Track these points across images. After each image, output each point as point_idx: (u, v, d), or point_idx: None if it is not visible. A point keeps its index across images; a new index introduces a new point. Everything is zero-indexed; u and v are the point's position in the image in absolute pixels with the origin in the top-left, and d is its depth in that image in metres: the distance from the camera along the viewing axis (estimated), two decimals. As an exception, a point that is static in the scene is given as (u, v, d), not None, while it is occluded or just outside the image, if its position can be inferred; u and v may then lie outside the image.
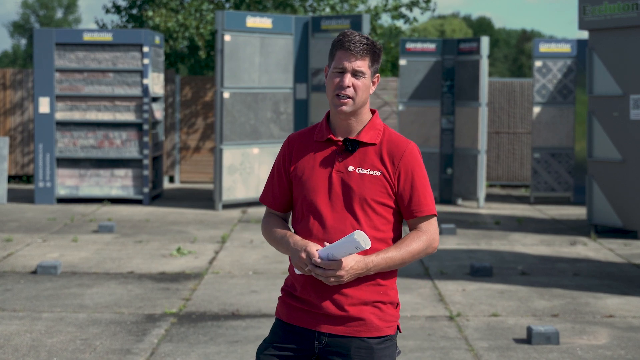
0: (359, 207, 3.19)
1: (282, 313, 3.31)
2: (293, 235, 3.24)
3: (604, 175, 11.41)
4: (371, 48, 3.20)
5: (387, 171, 3.21)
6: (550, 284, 8.52)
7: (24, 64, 60.78)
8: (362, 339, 3.19)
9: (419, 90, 14.55)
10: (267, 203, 3.39)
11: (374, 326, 3.20)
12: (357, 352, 3.18)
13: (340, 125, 3.26)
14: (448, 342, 6.53)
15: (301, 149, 3.31)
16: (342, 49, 3.19)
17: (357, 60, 3.17)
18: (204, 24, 18.36)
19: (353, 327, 3.18)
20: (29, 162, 16.67)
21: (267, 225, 3.38)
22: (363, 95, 3.20)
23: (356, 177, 3.20)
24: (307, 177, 3.25)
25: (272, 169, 3.39)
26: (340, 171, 3.22)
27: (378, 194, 3.20)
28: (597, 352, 6.32)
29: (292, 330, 3.25)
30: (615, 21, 11.15)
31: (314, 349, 3.22)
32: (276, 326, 3.32)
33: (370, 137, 3.24)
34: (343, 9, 19.51)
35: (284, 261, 9.40)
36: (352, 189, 3.19)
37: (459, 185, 14.35)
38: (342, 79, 3.18)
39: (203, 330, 6.78)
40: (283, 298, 3.33)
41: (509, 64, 62.95)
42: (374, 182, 3.20)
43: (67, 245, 10.19)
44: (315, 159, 3.27)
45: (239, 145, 13.29)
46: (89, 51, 13.84)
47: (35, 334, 6.59)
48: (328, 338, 3.19)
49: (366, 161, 3.22)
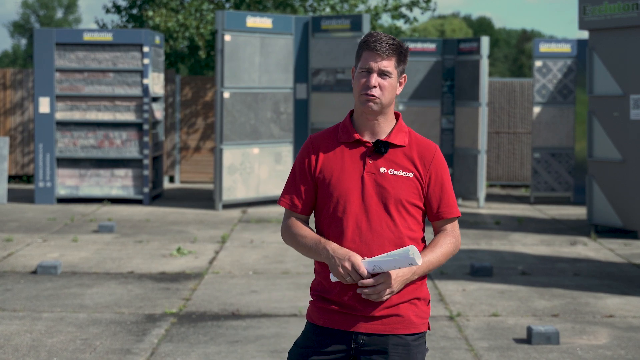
0: (395, 208, 3.19)
1: (316, 317, 3.27)
2: (329, 242, 3.18)
3: (604, 175, 11.41)
4: (397, 48, 3.20)
5: (419, 173, 3.23)
6: (550, 284, 8.52)
7: (24, 64, 60.79)
8: (400, 335, 3.20)
9: (419, 90, 14.55)
10: (290, 206, 3.31)
11: (411, 323, 3.21)
12: (394, 349, 3.18)
13: (366, 125, 3.25)
14: (448, 342, 6.53)
15: (326, 149, 3.27)
16: (369, 49, 3.19)
17: (383, 60, 3.17)
18: (204, 24, 18.36)
19: (391, 325, 3.19)
20: (29, 162, 16.67)
21: (291, 230, 3.30)
22: (390, 95, 3.20)
23: (390, 179, 3.19)
24: (337, 179, 3.22)
25: (292, 170, 3.32)
26: (372, 172, 3.20)
27: (411, 195, 3.21)
28: (597, 352, 6.32)
29: (326, 333, 3.23)
30: (615, 21, 11.15)
31: (350, 350, 3.21)
32: (309, 330, 3.29)
33: (400, 139, 3.25)
34: (343, 9, 19.51)
35: (284, 261, 9.40)
36: (387, 190, 3.19)
37: (459, 185, 14.35)
38: (369, 78, 3.18)
39: (203, 330, 6.78)
40: (315, 302, 3.29)
41: (509, 64, 62.96)
42: (408, 183, 3.21)
43: (67, 245, 10.19)
44: (343, 161, 3.23)
45: (239, 145, 13.29)
46: (89, 51, 13.84)
47: (35, 334, 6.59)
48: (366, 337, 3.19)
49: (397, 163, 3.22)
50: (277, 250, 10.03)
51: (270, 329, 6.79)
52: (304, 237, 3.25)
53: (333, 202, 3.21)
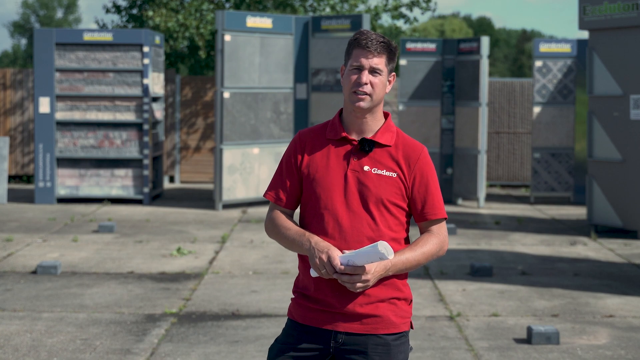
0: (375, 207, 3.20)
1: (296, 314, 3.29)
2: (313, 235, 3.19)
3: (604, 175, 11.41)
4: (388, 46, 3.21)
5: (403, 173, 3.23)
6: (550, 284, 8.52)
7: (24, 64, 60.78)
8: (379, 335, 3.20)
9: (419, 90, 14.55)
10: (275, 199, 3.34)
11: (390, 322, 3.21)
12: (374, 349, 3.19)
13: (354, 123, 3.26)
14: (448, 342, 6.53)
15: (314, 146, 3.29)
16: (359, 46, 3.20)
17: (374, 58, 3.19)
18: (204, 24, 18.36)
19: (370, 324, 3.19)
20: (29, 162, 16.67)
21: (275, 222, 3.33)
22: (380, 92, 3.21)
23: (373, 177, 3.21)
24: (321, 176, 3.24)
25: (280, 164, 3.35)
26: (355, 170, 3.22)
27: (393, 195, 3.22)
28: (597, 352, 6.32)
29: (306, 331, 3.24)
30: (615, 21, 11.15)
31: (330, 349, 3.22)
32: (289, 327, 3.30)
33: (386, 138, 3.25)
34: (343, 9, 19.50)
35: (284, 261, 9.41)
36: (368, 188, 3.20)
37: (459, 185, 14.35)
38: (360, 76, 3.19)
39: (203, 330, 6.78)
40: (296, 300, 3.31)
41: (509, 64, 62.95)
42: (390, 183, 3.21)
43: (67, 245, 10.19)
44: (329, 157, 3.26)
45: (239, 145, 13.29)
46: (89, 51, 13.84)
47: (35, 334, 6.59)
48: (345, 336, 3.19)
49: (381, 162, 3.23)
50: (277, 250, 10.03)
51: (270, 329, 6.79)
52: (288, 229, 3.27)
53: (316, 198, 3.24)
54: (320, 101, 13.90)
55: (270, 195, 3.35)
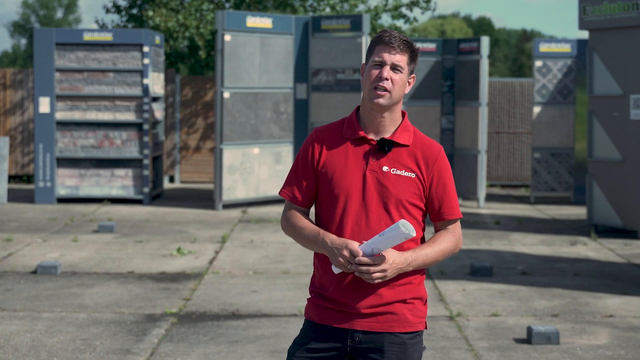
0: (395, 208, 3.19)
1: (313, 314, 3.28)
2: (327, 233, 3.18)
3: (604, 175, 11.41)
4: (410, 45, 3.22)
5: (421, 173, 3.22)
6: (550, 284, 8.52)
7: (24, 64, 60.79)
8: (396, 334, 3.20)
9: (419, 90, 14.55)
10: (291, 198, 3.31)
11: (406, 321, 3.22)
12: (390, 347, 3.19)
13: (372, 122, 3.24)
14: (448, 342, 6.53)
15: (330, 144, 3.26)
16: (382, 43, 3.19)
17: (397, 54, 3.18)
18: (204, 24, 18.36)
19: (386, 323, 3.20)
20: (29, 162, 16.67)
21: (291, 222, 3.31)
22: (400, 90, 3.20)
23: (392, 178, 3.19)
24: (339, 176, 3.22)
25: (295, 162, 3.33)
26: (374, 171, 3.20)
27: (412, 195, 3.21)
28: (597, 352, 6.32)
29: (323, 331, 3.24)
30: (615, 21, 11.15)
31: (347, 348, 3.22)
32: (307, 328, 3.30)
33: (405, 138, 3.24)
34: (343, 9, 19.50)
35: (284, 261, 9.41)
36: (388, 189, 3.19)
37: (459, 185, 14.35)
38: (381, 71, 3.18)
39: (203, 330, 6.78)
40: (313, 299, 3.30)
41: (509, 64, 62.94)
42: (409, 183, 3.21)
43: (67, 245, 10.19)
44: (347, 157, 3.23)
45: (239, 145, 13.29)
46: (89, 51, 13.84)
47: (35, 334, 6.59)
48: (362, 335, 3.20)
49: (400, 162, 3.21)
50: (277, 250, 10.03)
51: (271, 329, 6.79)
52: (304, 228, 3.25)
53: (334, 199, 3.22)
54: (320, 101, 13.90)
55: (285, 194, 3.32)
